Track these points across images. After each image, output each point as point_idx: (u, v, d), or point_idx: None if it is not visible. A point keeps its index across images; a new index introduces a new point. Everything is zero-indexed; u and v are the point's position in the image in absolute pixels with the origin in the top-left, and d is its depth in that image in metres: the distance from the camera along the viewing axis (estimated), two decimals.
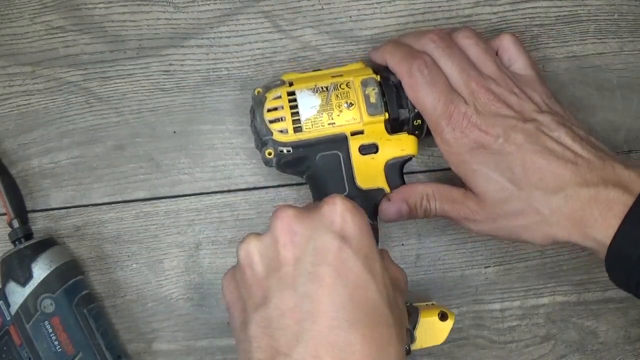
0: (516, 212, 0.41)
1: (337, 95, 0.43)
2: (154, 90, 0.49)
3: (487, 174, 0.41)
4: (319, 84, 0.43)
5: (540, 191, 0.40)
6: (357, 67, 0.45)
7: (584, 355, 0.52)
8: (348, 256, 0.32)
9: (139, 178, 0.49)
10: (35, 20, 0.49)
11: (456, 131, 0.42)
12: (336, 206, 0.33)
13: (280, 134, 0.42)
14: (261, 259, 0.34)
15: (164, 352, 0.50)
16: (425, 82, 0.42)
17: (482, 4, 0.50)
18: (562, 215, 0.39)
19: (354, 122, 0.43)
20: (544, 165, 0.40)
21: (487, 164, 0.41)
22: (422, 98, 0.42)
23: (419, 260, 0.51)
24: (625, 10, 0.51)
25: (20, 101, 0.49)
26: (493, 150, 0.41)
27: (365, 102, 0.43)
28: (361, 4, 0.50)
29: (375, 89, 0.43)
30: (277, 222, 0.33)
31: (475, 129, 0.41)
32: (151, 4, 0.49)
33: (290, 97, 0.43)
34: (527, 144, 0.40)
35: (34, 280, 0.44)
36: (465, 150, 0.41)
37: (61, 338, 0.44)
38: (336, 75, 0.44)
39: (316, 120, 0.42)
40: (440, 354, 0.51)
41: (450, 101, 0.42)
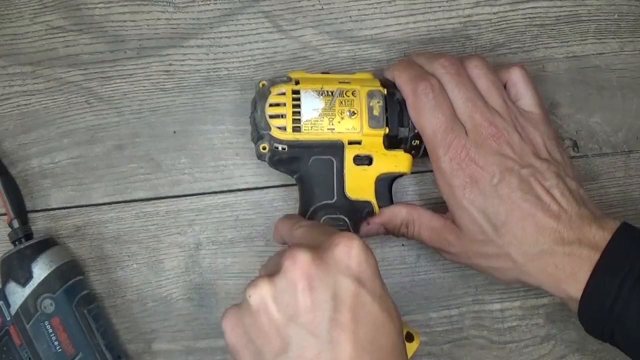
0: (491, 255, 0.42)
1: (341, 102, 0.42)
2: (154, 90, 0.49)
3: (473, 214, 0.41)
4: (326, 87, 0.43)
5: (518, 242, 0.41)
6: (366, 77, 0.45)
7: (584, 355, 0.52)
8: (366, 300, 0.32)
9: (139, 178, 0.49)
10: (35, 20, 0.49)
11: (453, 162, 0.42)
12: (351, 248, 0.33)
13: (278, 130, 0.42)
14: (277, 304, 0.32)
15: (164, 352, 0.50)
16: (429, 105, 0.42)
17: (482, 3, 0.50)
18: (535, 267, 0.40)
19: (354, 131, 0.43)
20: (529, 216, 0.40)
21: (476, 204, 0.41)
22: (423, 121, 0.42)
23: (419, 260, 0.51)
24: (625, 10, 0.51)
25: (21, 101, 0.49)
26: (485, 190, 0.41)
27: (368, 114, 0.43)
28: (361, 4, 0.50)
29: (380, 102, 0.43)
30: (292, 265, 0.32)
31: (473, 163, 0.41)
32: (151, 4, 0.49)
33: (295, 96, 0.42)
34: (519, 190, 0.41)
35: (34, 281, 0.44)
36: (458, 183, 0.42)
37: (61, 338, 0.44)
38: (344, 81, 0.44)
39: (316, 123, 0.42)
40: (440, 354, 0.51)
41: (451, 129, 0.42)
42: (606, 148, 0.51)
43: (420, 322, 0.51)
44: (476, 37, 0.51)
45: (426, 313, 0.51)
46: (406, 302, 0.51)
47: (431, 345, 0.51)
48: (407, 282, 0.51)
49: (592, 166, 0.51)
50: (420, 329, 0.51)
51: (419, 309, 0.51)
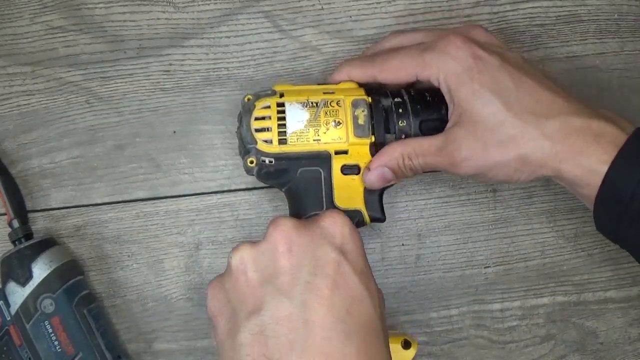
0: (508, 139, 0.39)
1: (326, 112, 0.42)
2: (154, 90, 0.49)
3: (485, 94, 0.39)
4: (310, 98, 0.43)
5: (533, 115, 0.39)
6: (350, 86, 0.44)
7: (584, 355, 0.52)
8: (346, 270, 0.32)
9: (139, 178, 0.49)
10: (35, 20, 0.49)
11: (450, 48, 0.40)
12: (336, 220, 0.34)
13: (264, 143, 0.42)
14: (256, 266, 0.33)
15: (164, 352, 0.50)
16: (388, 53, 0.43)
17: (482, 3, 0.50)
18: (556, 140, 0.38)
19: (340, 141, 0.42)
20: (538, 89, 0.39)
21: (486, 82, 0.39)
22: (395, 63, 0.43)
23: (419, 260, 0.51)
24: (625, 10, 0.51)
25: (21, 101, 0.49)
26: (492, 67, 0.40)
27: (353, 123, 0.42)
28: (361, 4, 0.50)
29: (365, 110, 0.42)
30: (275, 230, 0.33)
31: (474, 45, 0.41)
32: (151, 4, 0.49)
33: (279, 109, 0.42)
34: (522, 69, 0.40)
35: (34, 280, 0.44)
36: (463, 68, 0.40)
37: (61, 338, 0.44)
38: (328, 92, 0.43)
39: (302, 135, 0.42)
40: (440, 354, 0.51)
41: (435, 40, 0.42)
42: None
43: (420, 322, 0.51)
44: None
45: (426, 313, 0.51)
46: (406, 302, 0.51)
47: (431, 345, 0.51)
48: (407, 282, 0.51)
49: None
50: (420, 329, 0.51)
51: (419, 309, 0.51)
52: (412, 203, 0.50)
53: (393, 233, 0.51)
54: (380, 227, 0.50)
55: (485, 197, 0.51)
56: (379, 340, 0.33)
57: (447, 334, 0.51)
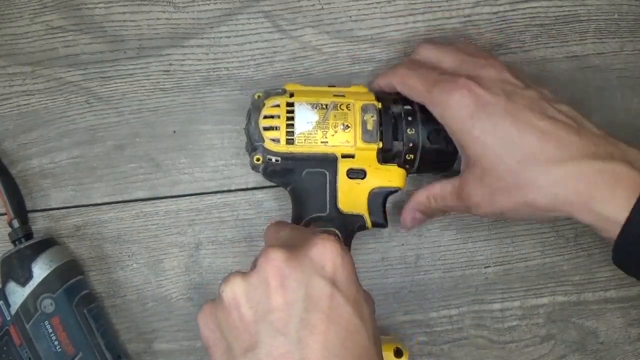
0: (514, 186, 0.38)
1: (335, 115, 0.42)
2: (154, 90, 0.49)
3: (487, 142, 0.39)
4: (320, 100, 0.43)
5: (539, 162, 0.37)
6: (361, 90, 0.45)
7: (584, 355, 0.52)
8: (339, 302, 0.32)
9: (139, 178, 0.49)
10: (35, 20, 0.49)
11: (454, 94, 0.40)
12: (327, 250, 0.33)
13: (271, 142, 0.42)
14: (249, 301, 0.32)
15: (164, 352, 0.50)
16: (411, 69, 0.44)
17: (482, 3, 0.50)
18: (565, 187, 0.37)
19: (347, 145, 0.42)
20: (546, 132, 0.37)
21: (487, 129, 0.39)
22: (412, 82, 0.43)
23: (419, 260, 0.51)
24: (625, 10, 0.51)
25: (21, 101, 0.49)
26: (494, 112, 0.39)
27: (362, 128, 0.42)
28: (361, 4, 0.50)
29: (374, 116, 0.43)
30: (266, 263, 0.33)
31: (478, 88, 0.39)
32: (151, 4, 0.49)
33: (289, 108, 0.42)
34: (529, 109, 0.38)
35: (34, 280, 0.44)
36: (466, 114, 0.39)
37: (61, 338, 0.44)
38: (338, 94, 0.44)
39: (310, 136, 0.42)
40: (440, 354, 0.51)
41: (446, 78, 0.41)
42: None
43: (420, 322, 0.51)
44: (476, 37, 0.51)
45: (426, 313, 0.51)
46: (406, 302, 0.51)
47: (431, 345, 0.51)
48: (407, 282, 0.51)
49: None
50: (420, 329, 0.51)
51: (419, 309, 0.51)
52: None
53: (393, 233, 0.51)
54: None
55: None
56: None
57: (447, 334, 0.51)
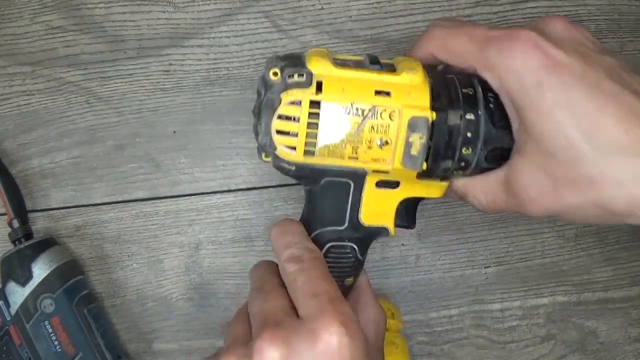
0: (585, 179, 0.30)
1: (373, 127, 0.32)
2: (154, 90, 0.49)
3: (557, 121, 0.30)
4: (356, 101, 0.32)
5: (621, 151, 0.29)
6: (414, 81, 0.33)
7: (584, 355, 0.52)
8: None
9: (139, 178, 0.49)
10: (35, 20, 0.49)
11: (516, 52, 0.31)
12: (332, 343, 0.29)
13: (286, 150, 0.33)
14: None
15: (164, 352, 0.50)
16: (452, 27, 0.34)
17: (482, 3, 0.50)
18: None
19: (382, 162, 0.33)
20: (635, 110, 0.29)
21: (560, 103, 0.30)
22: (453, 43, 0.34)
23: (419, 260, 0.51)
24: (625, 10, 0.51)
25: (20, 101, 0.49)
26: (570, 79, 0.30)
27: (404, 150, 0.32)
28: (361, 4, 0.50)
29: (423, 138, 0.32)
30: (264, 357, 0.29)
31: (547, 43, 0.31)
32: (151, 4, 0.49)
33: (313, 111, 0.32)
34: (613, 81, 0.30)
35: (34, 280, 0.44)
36: (532, 80, 0.30)
37: (61, 338, 0.44)
38: (382, 90, 0.32)
39: (335, 149, 0.32)
40: (440, 354, 0.51)
41: (503, 32, 0.32)
42: None
43: (420, 322, 0.51)
44: None
45: (426, 313, 0.51)
46: (406, 302, 0.51)
47: (431, 345, 0.51)
48: (407, 282, 0.51)
49: None
50: (420, 329, 0.51)
51: (419, 309, 0.51)
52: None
53: None
54: None
55: None
56: None
57: (447, 334, 0.51)
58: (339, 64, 0.33)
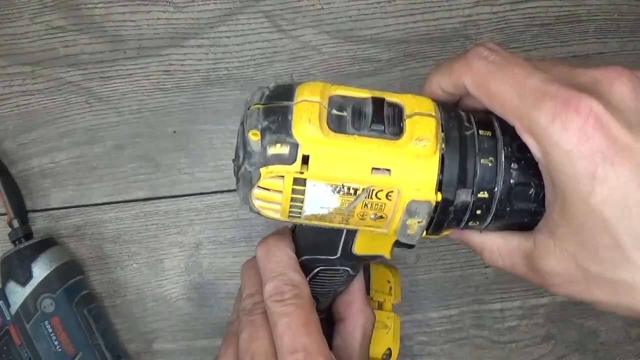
0: (622, 284, 0.27)
1: (366, 205, 0.27)
2: (154, 90, 0.49)
3: (605, 217, 0.25)
4: (347, 180, 0.26)
5: None
6: (422, 152, 0.27)
7: (584, 355, 0.52)
8: None
9: (139, 178, 0.49)
10: (35, 20, 0.49)
11: (573, 122, 0.25)
12: None
13: (269, 212, 0.29)
14: None
15: (164, 352, 0.50)
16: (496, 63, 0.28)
17: (482, 3, 0.50)
18: None
19: (374, 228, 0.29)
20: None
21: (613, 200, 0.25)
22: (496, 86, 0.27)
23: (419, 260, 0.51)
24: (625, 9, 0.51)
25: (20, 101, 0.49)
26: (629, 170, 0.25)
27: (400, 229, 0.28)
28: (361, 4, 0.50)
29: (422, 222, 0.28)
30: None
31: (610, 117, 0.25)
32: (151, 4, 0.49)
33: (297, 187, 0.27)
34: None
35: (34, 280, 0.44)
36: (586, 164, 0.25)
37: (61, 338, 0.44)
38: (381, 167, 0.26)
39: (324, 218, 0.28)
40: (440, 354, 0.51)
41: (558, 90, 0.26)
42: None
43: (420, 322, 0.51)
44: (476, 37, 0.51)
45: (426, 313, 0.51)
46: (406, 302, 0.51)
47: (431, 345, 0.51)
48: (407, 282, 0.51)
49: None
50: (420, 329, 0.51)
51: (419, 309, 0.51)
52: None
53: None
54: None
55: None
56: None
57: (447, 334, 0.51)
58: (333, 124, 0.26)
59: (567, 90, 0.25)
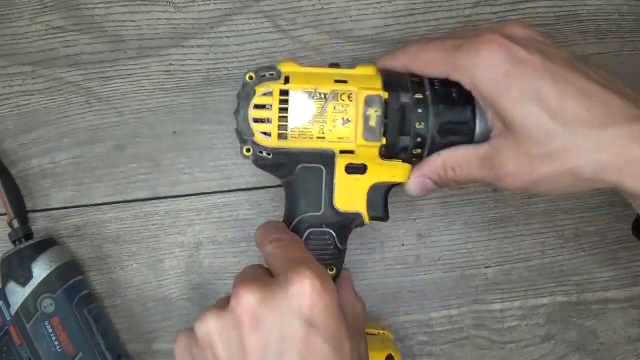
0: (556, 152, 0.35)
1: (335, 107, 0.38)
2: (154, 90, 0.49)
3: (526, 104, 0.35)
4: (319, 87, 0.38)
5: (584, 125, 0.34)
6: (368, 72, 0.40)
7: (584, 355, 0.52)
8: (316, 341, 0.31)
9: (139, 178, 0.49)
10: (35, 20, 0.49)
11: (483, 51, 0.35)
12: (304, 289, 0.32)
13: (262, 136, 0.38)
14: (222, 341, 0.32)
15: (164, 352, 0.50)
16: (423, 43, 0.39)
17: (482, 3, 0.50)
18: (613, 153, 0.34)
19: (346, 140, 0.38)
20: (589, 92, 0.34)
21: (527, 90, 0.35)
22: (426, 56, 0.39)
23: (419, 260, 0.51)
24: (625, 9, 0.51)
25: (20, 101, 0.49)
26: (532, 70, 0.35)
27: (364, 124, 0.38)
28: (361, 4, 0.50)
29: (378, 111, 0.38)
30: (239, 304, 0.32)
31: (510, 42, 0.35)
32: (151, 4, 0.49)
33: (283, 97, 0.38)
34: (568, 68, 0.35)
35: (34, 280, 0.44)
36: (500, 73, 0.35)
37: (61, 338, 0.44)
38: (340, 79, 0.38)
39: (305, 131, 0.38)
40: (440, 354, 0.51)
41: (469, 39, 0.37)
42: None
43: (420, 322, 0.51)
44: None
45: (426, 313, 0.51)
46: (406, 302, 0.51)
47: (431, 345, 0.51)
48: (407, 282, 0.51)
49: None
50: (420, 329, 0.51)
51: (419, 309, 0.51)
52: (412, 203, 0.50)
53: (393, 233, 0.51)
54: (380, 227, 0.50)
55: (486, 197, 0.51)
56: None
57: (447, 334, 0.51)
58: (305, 66, 0.39)
59: (475, 35, 0.36)
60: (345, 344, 0.33)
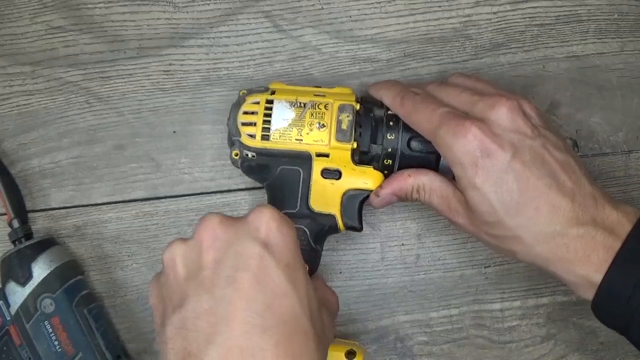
0: (501, 237, 0.40)
1: (312, 114, 0.43)
2: (154, 90, 0.49)
3: (486, 194, 0.39)
4: (299, 98, 0.43)
5: (530, 224, 0.38)
6: (345, 92, 0.44)
7: (584, 355, 0.52)
8: (269, 264, 0.32)
9: (139, 178, 0.49)
10: (35, 20, 0.49)
11: (460, 138, 0.39)
12: (262, 214, 0.34)
13: (248, 137, 0.43)
14: (183, 262, 0.34)
15: None
16: (418, 102, 0.42)
17: (482, 3, 0.50)
18: (547, 250, 0.39)
19: (321, 143, 0.43)
20: (544, 194, 0.38)
21: (489, 182, 0.39)
22: (416, 118, 0.42)
23: (419, 260, 0.51)
24: (625, 10, 0.51)
25: (20, 101, 0.49)
26: (499, 165, 0.38)
27: (337, 127, 0.42)
28: (361, 4, 0.50)
29: (350, 116, 0.43)
30: (201, 226, 0.34)
31: (485, 135, 0.39)
32: (151, 4, 0.49)
33: (268, 105, 0.43)
34: (532, 167, 0.38)
35: (34, 280, 0.44)
36: (469, 161, 0.39)
37: (61, 338, 0.44)
38: (319, 94, 0.44)
39: (285, 133, 0.43)
40: (440, 354, 0.51)
41: (452, 113, 0.40)
42: (606, 148, 0.51)
43: (420, 322, 0.51)
44: (476, 36, 0.51)
45: (426, 313, 0.51)
46: (406, 302, 0.51)
47: (431, 345, 0.51)
48: (407, 282, 0.51)
49: (592, 166, 0.51)
50: (420, 329, 0.51)
51: (419, 309, 0.51)
52: (412, 203, 0.50)
53: (393, 233, 0.51)
54: (380, 227, 0.50)
55: None
56: (306, 337, 0.33)
57: (447, 334, 0.51)
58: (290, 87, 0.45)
59: (459, 118, 0.39)
60: (299, 275, 0.34)
